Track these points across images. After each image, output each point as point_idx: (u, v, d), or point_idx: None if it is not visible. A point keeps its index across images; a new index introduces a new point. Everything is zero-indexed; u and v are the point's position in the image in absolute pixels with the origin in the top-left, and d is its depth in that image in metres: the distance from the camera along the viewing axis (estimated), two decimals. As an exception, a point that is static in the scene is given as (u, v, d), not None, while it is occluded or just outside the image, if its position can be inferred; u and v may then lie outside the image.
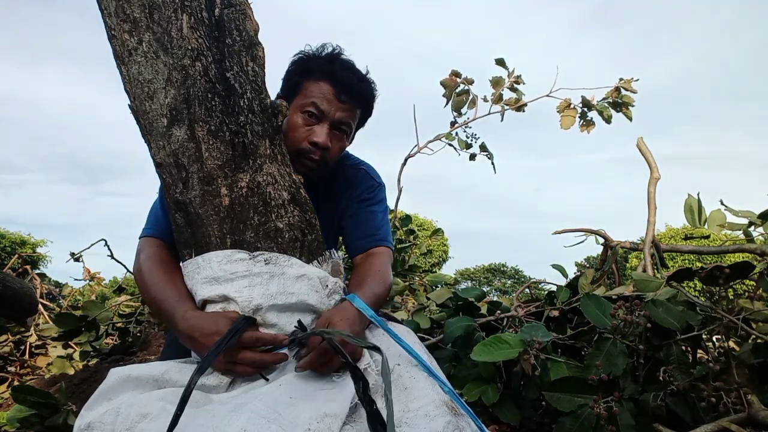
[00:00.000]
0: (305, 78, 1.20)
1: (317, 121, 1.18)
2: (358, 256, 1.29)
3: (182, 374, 0.94)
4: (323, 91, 1.18)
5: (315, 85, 1.19)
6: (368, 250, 1.28)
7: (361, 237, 1.30)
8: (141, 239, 1.21)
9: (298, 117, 1.18)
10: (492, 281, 29.98)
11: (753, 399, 1.08)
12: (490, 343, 1.30)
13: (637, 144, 2.16)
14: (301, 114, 1.18)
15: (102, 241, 3.27)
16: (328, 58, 1.23)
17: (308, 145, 1.18)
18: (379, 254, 1.27)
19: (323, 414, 0.80)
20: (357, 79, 1.22)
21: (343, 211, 1.34)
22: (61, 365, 2.70)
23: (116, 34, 1.00)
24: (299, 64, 1.25)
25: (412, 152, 2.85)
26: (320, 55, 1.24)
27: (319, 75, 1.19)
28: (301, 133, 1.18)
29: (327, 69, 1.19)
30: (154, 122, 1.01)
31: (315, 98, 1.17)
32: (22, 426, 1.48)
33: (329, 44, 1.26)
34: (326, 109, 1.18)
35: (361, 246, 1.29)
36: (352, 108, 1.23)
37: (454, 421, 0.82)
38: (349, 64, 1.24)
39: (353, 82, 1.21)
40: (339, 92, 1.18)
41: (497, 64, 2.71)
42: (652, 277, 1.57)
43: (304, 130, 1.18)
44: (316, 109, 1.17)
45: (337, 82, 1.18)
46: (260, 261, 1.02)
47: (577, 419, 1.17)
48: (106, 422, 0.85)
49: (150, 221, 1.23)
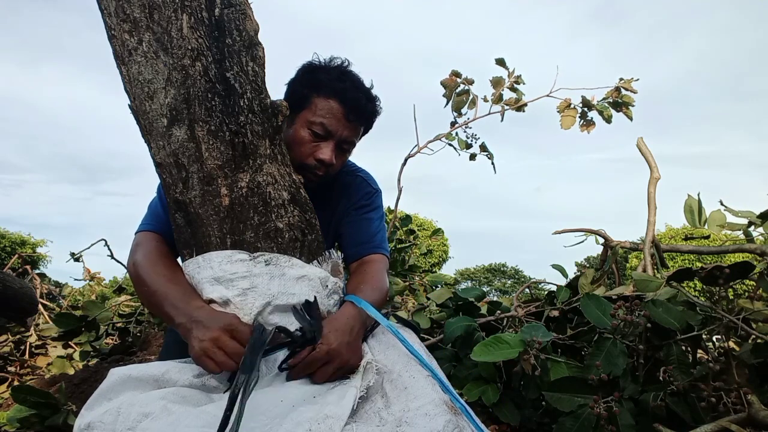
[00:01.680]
0: (314, 92, 1.20)
1: (324, 138, 1.19)
2: (353, 263, 1.30)
3: (182, 374, 0.94)
4: (333, 110, 1.18)
5: (325, 102, 1.19)
6: (363, 257, 1.29)
7: (357, 244, 1.31)
8: (138, 234, 1.20)
9: (305, 132, 1.19)
10: (492, 281, 29.98)
11: (753, 399, 1.08)
12: (490, 343, 1.30)
13: (637, 144, 2.16)
14: (308, 129, 1.19)
15: (102, 241, 3.27)
16: (339, 75, 1.22)
17: (314, 162, 1.19)
18: (374, 261, 1.28)
19: (324, 415, 0.80)
20: (365, 99, 1.23)
21: (341, 218, 1.35)
22: (61, 365, 2.70)
23: (116, 34, 1.00)
24: (308, 76, 1.23)
25: (412, 152, 2.85)
26: (330, 69, 1.24)
27: (329, 92, 1.19)
28: (308, 149, 1.19)
29: (338, 87, 1.19)
30: (154, 122, 1.01)
31: (324, 118, 1.18)
32: (22, 426, 1.48)
33: (338, 57, 1.27)
34: (334, 130, 1.19)
35: (356, 253, 1.30)
36: (358, 127, 1.25)
37: (454, 420, 0.82)
38: (358, 81, 1.25)
39: (362, 102, 1.22)
40: (348, 112, 1.19)
41: (497, 64, 2.71)
42: (652, 277, 1.57)
43: (311, 147, 1.19)
44: (323, 129, 1.18)
45: (346, 101, 1.19)
46: (260, 262, 1.02)
47: (577, 419, 1.17)
48: (107, 422, 0.85)
49: (148, 216, 1.23)
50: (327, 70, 1.23)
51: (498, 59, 2.69)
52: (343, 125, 1.20)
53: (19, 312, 2.44)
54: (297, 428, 0.78)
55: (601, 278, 1.88)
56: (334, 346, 0.94)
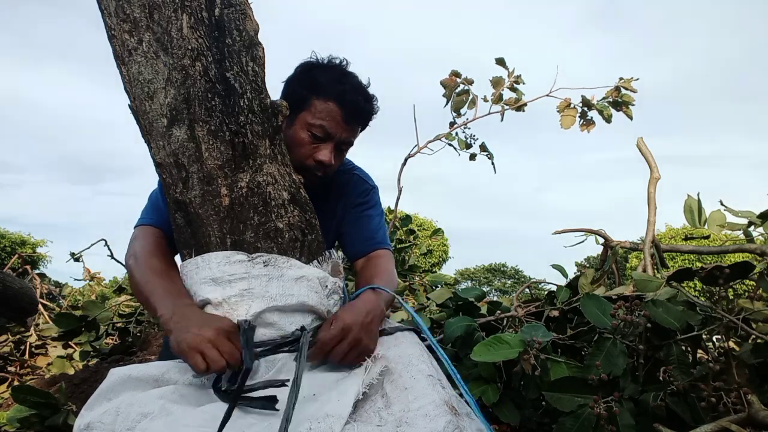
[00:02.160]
0: (313, 94, 1.20)
1: (323, 140, 1.20)
2: (359, 261, 1.32)
3: (182, 374, 0.94)
4: (332, 113, 1.19)
5: (324, 104, 1.19)
6: (369, 253, 1.31)
7: (361, 242, 1.33)
8: (137, 227, 1.21)
9: (305, 134, 1.19)
10: (492, 281, 29.98)
11: (753, 399, 1.08)
12: (490, 343, 1.29)
13: (637, 144, 2.16)
14: (308, 131, 1.19)
15: (102, 241, 3.28)
16: (338, 76, 1.22)
17: (313, 163, 1.20)
18: (381, 256, 1.30)
19: (325, 414, 0.80)
20: (364, 100, 1.24)
21: (341, 219, 1.36)
22: (61, 365, 2.70)
23: (116, 34, 1.00)
24: (306, 77, 1.23)
25: (412, 152, 2.85)
26: (329, 70, 1.24)
27: (328, 94, 1.19)
28: (307, 151, 1.20)
29: (337, 90, 1.19)
30: (154, 122, 1.01)
31: (324, 121, 1.18)
32: (22, 426, 1.48)
33: (337, 57, 1.27)
34: (333, 132, 1.20)
35: (361, 250, 1.32)
36: (356, 128, 1.27)
37: (455, 420, 0.82)
38: (357, 83, 1.25)
39: (360, 105, 1.23)
40: (346, 115, 1.20)
41: (497, 63, 2.71)
42: (652, 277, 1.57)
43: (310, 148, 1.20)
44: (323, 131, 1.19)
45: (345, 104, 1.19)
46: (259, 263, 1.02)
47: (577, 419, 1.17)
48: (106, 422, 0.85)
49: (149, 210, 1.23)
50: (326, 70, 1.23)
51: (498, 59, 2.69)
52: (342, 127, 1.21)
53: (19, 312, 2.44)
54: (297, 426, 0.78)
55: (601, 278, 1.88)
56: (348, 322, 0.96)
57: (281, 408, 0.82)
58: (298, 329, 0.98)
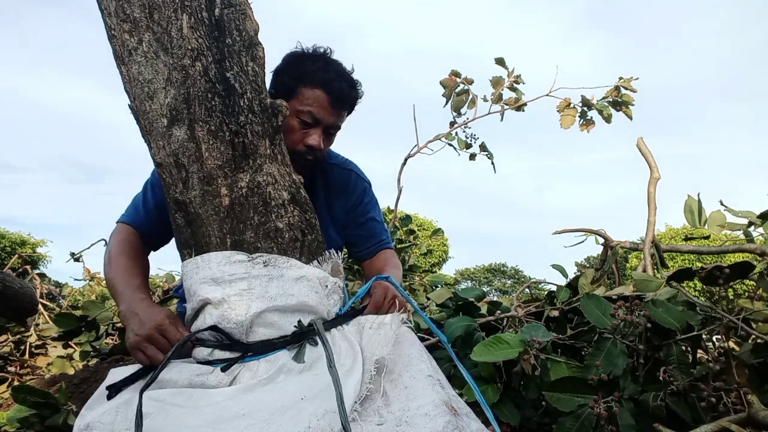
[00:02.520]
0: (300, 83, 1.27)
1: (312, 126, 1.27)
2: (367, 261, 1.51)
3: (182, 374, 0.94)
4: (319, 99, 1.26)
5: (311, 91, 1.26)
6: (378, 253, 1.50)
7: (369, 244, 1.50)
8: (118, 223, 1.30)
9: (295, 121, 1.26)
10: (492, 281, 29.99)
11: (753, 399, 1.08)
12: (490, 343, 1.30)
13: (637, 144, 2.16)
14: (297, 118, 1.26)
15: (102, 241, 3.27)
16: (323, 65, 1.29)
17: (304, 148, 1.27)
18: (387, 253, 1.50)
19: (324, 411, 0.80)
20: (348, 86, 1.31)
21: (343, 218, 1.47)
22: (61, 365, 2.69)
23: (116, 34, 1.00)
24: (293, 67, 1.31)
25: (412, 152, 2.85)
26: (314, 59, 1.31)
27: (314, 82, 1.26)
28: (298, 137, 1.27)
29: (323, 78, 1.27)
30: (154, 122, 1.01)
31: (311, 107, 1.25)
32: (22, 426, 1.48)
33: (321, 46, 1.34)
34: (321, 117, 1.27)
35: (370, 252, 1.50)
36: (343, 113, 1.34)
37: (454, 420, 0.82)
38: (341, 70, 1.32)
39: (346, 91, 1.30)
40: (333, 101, 1.27)
41: (497, 63, 2.71)
42: (652, 277, 1.57)
43: (300, 134, 1.27)
44: (311, 117, 1.26)
45: (332, 91, 1.27)
46: (259, 263, 1.02)
47: (577, 419, 1.17)
48: (106, 422, 0.85)
49: (129, 210, 1.32)
50: (311, 60, 1.31)
51: (497, 59, 2.69)
52: (329, 113, 1.28)
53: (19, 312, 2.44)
54: (297, 424, 0.78)
55: (601, 278, 1.88)
56: (385, 285, 1.15)
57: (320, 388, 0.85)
58: (296, 326, 0.99)
